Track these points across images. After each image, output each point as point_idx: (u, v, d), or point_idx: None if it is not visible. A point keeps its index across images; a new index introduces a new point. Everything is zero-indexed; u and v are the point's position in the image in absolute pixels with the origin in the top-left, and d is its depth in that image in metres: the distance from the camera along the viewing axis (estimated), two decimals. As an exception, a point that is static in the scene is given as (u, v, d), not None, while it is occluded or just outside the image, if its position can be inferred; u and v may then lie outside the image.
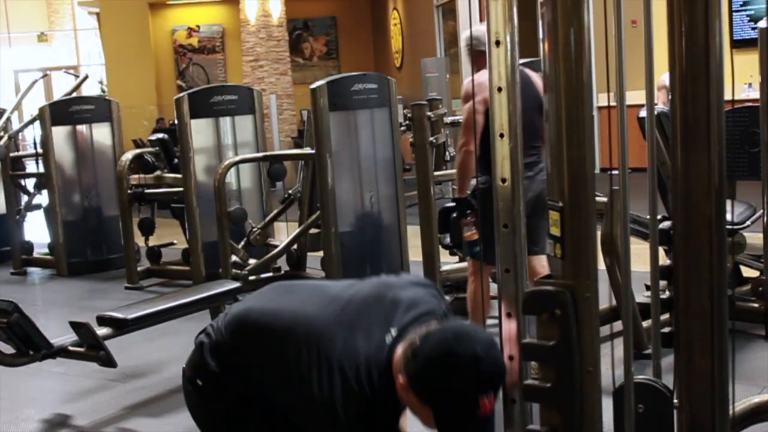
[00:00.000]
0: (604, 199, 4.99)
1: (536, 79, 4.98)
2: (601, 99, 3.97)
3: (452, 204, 5.55)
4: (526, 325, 1.94)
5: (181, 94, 7.78)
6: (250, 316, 2.44)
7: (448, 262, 6.58)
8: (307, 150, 7.19)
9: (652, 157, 2.21)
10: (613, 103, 2.12)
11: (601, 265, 2.62)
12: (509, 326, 2.07)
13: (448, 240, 6.28)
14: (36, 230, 9.76)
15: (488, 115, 2.10)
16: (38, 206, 9.35)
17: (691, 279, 2.10)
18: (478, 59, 5.02)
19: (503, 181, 2.05)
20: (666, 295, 3.22)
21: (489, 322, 4.69)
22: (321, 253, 6.92)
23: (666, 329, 2.76)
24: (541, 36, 1.88)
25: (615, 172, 2.02)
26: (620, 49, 2.02)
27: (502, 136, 2.06)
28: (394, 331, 2.18)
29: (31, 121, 9.27)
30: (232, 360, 2.46)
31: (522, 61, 2.30)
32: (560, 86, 1.78)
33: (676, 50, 1.98)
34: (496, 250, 2.15)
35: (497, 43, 2.05)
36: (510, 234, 2.08)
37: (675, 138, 2.06)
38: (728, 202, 5.33)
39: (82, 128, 8.95)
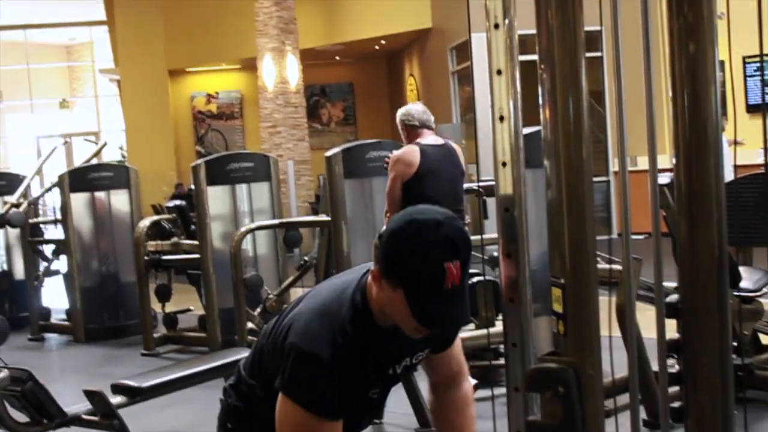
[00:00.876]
0: (619, 268, 5.02)
1: (458, 150, 5.80)
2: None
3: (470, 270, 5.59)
4: (531, 401, 1.94)
5: (198, 161, 7.87)
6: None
7: (464, 329, 6.55)
8: (323, 217, 7.23)
9: (656, 225, 2.22)
10: (630, 168, 2.14)
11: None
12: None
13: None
14: (54, 296, 9.81)
15: (412, 183, 2.15)
16: (56, 272, 9.41)
17: (699, 352, 2.09)
18: (409, 132, 5.89)
19: (508, 255, 2.07)
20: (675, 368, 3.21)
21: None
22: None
23: (676, 403, 2.74)
24: (540, 103, 1.89)
25: (635, 237, 2.04)
26: (621, 115, 2.05)
27: (507, 210, 2.08)
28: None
29: (51, 188, 9.38)
30: (255, 374, 2.42)
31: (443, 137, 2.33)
32: (560, 155, 1.79)
33: (680, 124, 2.00)
34: (509, 320, 2.15)
35: (501, 118, 2.08)
36: (516, 308, 2.09)
37: (680, 209, 2.07)
38: (745, 269, 5.34)
39: (100, 195, 9.05)
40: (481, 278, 5.88)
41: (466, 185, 6.95)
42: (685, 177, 2.00)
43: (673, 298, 2.21)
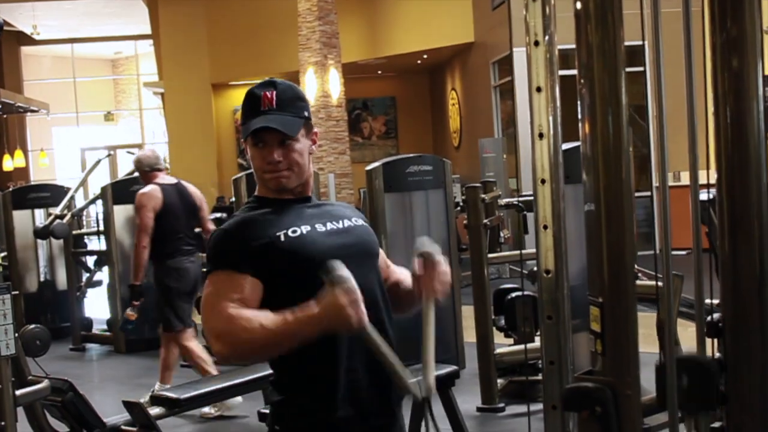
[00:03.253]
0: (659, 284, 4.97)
1: (192, 189, 6.78)
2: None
3: (508, 286, 5.59)
4: (568, 418, 1.91)
5: (239, 175, 7.90)
6: None
7: (503, 344, 6.52)
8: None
9: (697, 241, 2.19)
10: (673, 183, 2.11)
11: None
12: None
13: (502, 322, 6.25)
14: (97, 307, 9.90)
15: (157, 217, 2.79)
16: (99, 283, 9.50)
17: (742, 371, 2.06)
18: (145, 176, 6.63)
19: (547, 272, 2.04)
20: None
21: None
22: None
23: (717, 424, 2.69)
24: (579, 118, 1.88)
25: (677, 252, 2.01)
26: (662, 130, 2.02)
27: (545, 227, 2.06)
28: None
29: (94, 200, 9.47)
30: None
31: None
32: (599, 171, 1.77)
33: (722, 140, 1.97)
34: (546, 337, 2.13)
35: (540, 135, 2.06)
36: (554, 326, 2.06)
37: (722, 228, 2.04)
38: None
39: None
40: (519, 293, 5.85)
41: (506, 200, 6.93)
42: (728, 193, 1.97)
43: (715, 316, 2.18)
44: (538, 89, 2.10)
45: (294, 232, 2.36)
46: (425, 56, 18.59)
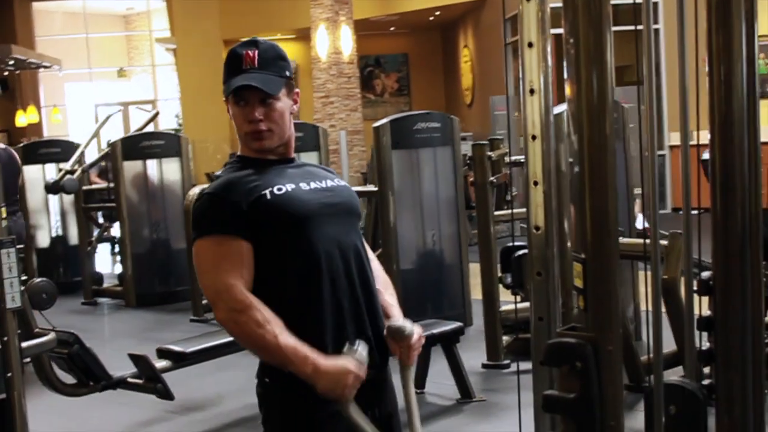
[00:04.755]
0: (665, 242, 4.96)
1: (14, 153, 7.32)
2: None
3: (515, 244, 5.61)
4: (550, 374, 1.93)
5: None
6: None
7: (508, 301, 6.55)
8: (370, 187, 7.24)
9: (687, 200, 2.19)
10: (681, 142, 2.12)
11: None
12: None
13: (509, 280, 6.27)
14: (107, 261, 10.01)
15: None
16: (113, 238, 9.58)
17: (730, 329, 2.07)
18: None
19: (536, 228, 2.06)
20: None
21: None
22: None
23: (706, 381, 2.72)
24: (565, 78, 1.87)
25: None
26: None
27: (536, 183, 2.07)
28: None
29: (103, 156, 9.52)
30: None
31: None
32: (583, 132, 1.77)
33: (714, 100, 1.97)
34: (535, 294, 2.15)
35: (531, 91, 2.07)
36: (543, 282, 2.08)
37: (714, 187, 2.05)
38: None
39: (151, 163, 9.15)
40: (526, 251, 5.86)
41: (514, 157, 6.92)
42: (720, 151, 1.97)
43: (706, 275, 2.19)
44: (530, 44, 2.10)
45: (279, 189, 2.38)
46: (438, 13, 18.47)
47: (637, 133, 6.50)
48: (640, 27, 1.99)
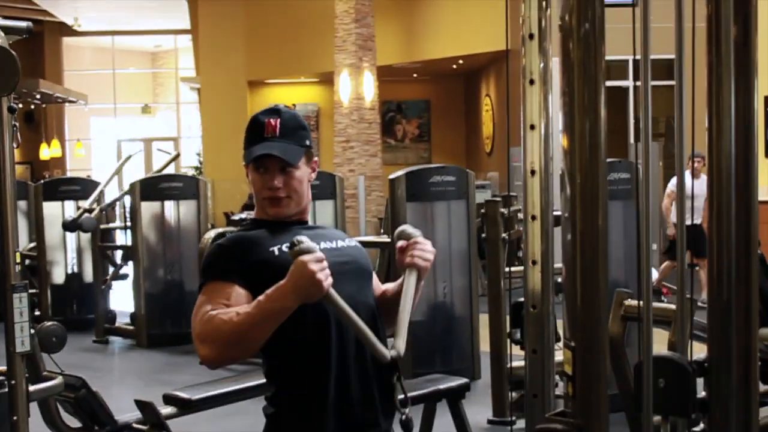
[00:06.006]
0: (673, 307, 4.96)
1: None
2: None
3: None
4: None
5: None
6: None
7: (517, 356, 6.53)
8: (384, 238, 7.27)
9: (682, 244, 2.20)
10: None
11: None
12: None
13: (518, 335, 6.26)
14: (122, 300, 10.04)
15: None
16: (124, 276, 9.64)
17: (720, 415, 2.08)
18: None
19: (533, 263, 2.07)
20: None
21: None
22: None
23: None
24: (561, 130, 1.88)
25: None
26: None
27: (534, 218, 2.09)
28: None
29: (122, 196, 9.62)
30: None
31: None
32: (576, 187, 1.76)
33: (713, 154, 1.98)
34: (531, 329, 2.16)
35: (531, 126, 2.09)
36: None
37: (711, 263, 2.06)
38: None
39: (169, 204, 9.23)
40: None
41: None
42: (716, 209, 1.97)
43: (700, 357, 2.21)
44: (531, 81, 2.14)
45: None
46: (461, 61, 18.59)
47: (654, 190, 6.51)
48: (638, 83, 2.01)
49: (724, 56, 1.78)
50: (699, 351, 2.52)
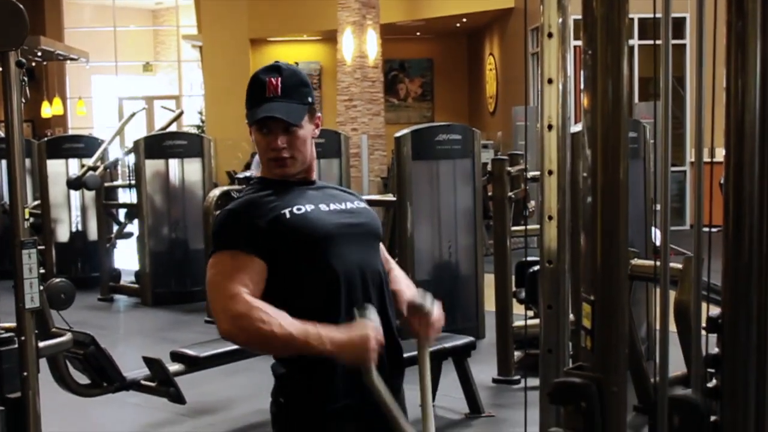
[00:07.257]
0: (679, 266, 4.96)
1: None
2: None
3: (530, 259, 5.61)
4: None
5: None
6: None
7: (522, 315, 6.56)
8: (389, 197, 7.27)
9: (699, 218, 2.19)
10: (707, 159, 2.10)
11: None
12: None
13: (523, 295, 6.28)
14: (126, 258, 10.06)
15: None
16: (129, 235, 9.64)
17: (737, 371, 2.07)
18: None
19: (549, 262, 2.07)
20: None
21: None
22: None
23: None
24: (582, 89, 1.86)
25: (707, 230, 2.02)
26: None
27: (550, 218, 2.09)
28: None
29: (127, 154, 9.59)
30: None
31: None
32: (597, 144, 1.75)
33: (731, 114, 1.96)
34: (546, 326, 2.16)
35: (549, 127, 2.08)
36: (554, 314, 2.10)
37: (727, 219, 2.04)
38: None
39: (173, 162, 9.21)
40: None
41: (533, 173, 6.91)
42: (733, 169, 1.95)
43: (714, 313, 2.19)
44: (550, 35, 2.12)
45: (299, 209, 2.41)
46: (464, 20, 18.48)
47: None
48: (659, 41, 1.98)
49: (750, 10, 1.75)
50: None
